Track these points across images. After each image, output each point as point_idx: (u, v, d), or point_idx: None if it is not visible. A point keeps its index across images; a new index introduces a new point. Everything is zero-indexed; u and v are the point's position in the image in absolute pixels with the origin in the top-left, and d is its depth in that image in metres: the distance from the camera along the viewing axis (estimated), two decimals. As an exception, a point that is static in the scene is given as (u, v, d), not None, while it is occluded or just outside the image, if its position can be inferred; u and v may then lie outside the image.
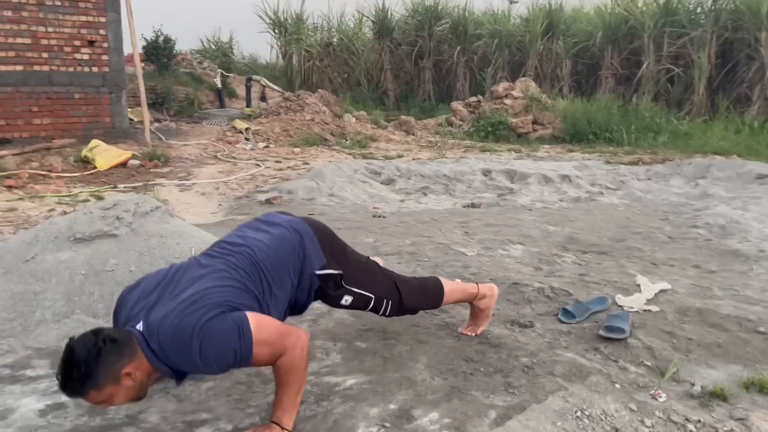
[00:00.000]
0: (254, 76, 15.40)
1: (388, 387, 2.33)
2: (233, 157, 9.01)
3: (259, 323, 1.90)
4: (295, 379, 1.98)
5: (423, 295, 2.55)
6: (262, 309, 2.01)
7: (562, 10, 14.97)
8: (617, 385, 2.41)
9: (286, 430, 1.97)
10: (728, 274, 3.82)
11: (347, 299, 2.32)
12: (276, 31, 19.01)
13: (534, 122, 11.49)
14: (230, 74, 17.38)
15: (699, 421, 2.20)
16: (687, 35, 12.52)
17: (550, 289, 3.39)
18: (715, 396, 2.36)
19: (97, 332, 1.83)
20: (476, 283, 2.77)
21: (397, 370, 2.45)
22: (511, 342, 2.73)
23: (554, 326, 2.96)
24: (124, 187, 6.55)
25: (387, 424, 2.08)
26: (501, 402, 2.23)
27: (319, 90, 13.96)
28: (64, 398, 2.19)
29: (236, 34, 21.84)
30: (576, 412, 2.20)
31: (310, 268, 2.20)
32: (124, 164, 7.80)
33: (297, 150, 9.91)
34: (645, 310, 3.13)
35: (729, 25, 12.33)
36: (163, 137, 10.40)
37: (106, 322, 2.78)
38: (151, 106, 12.37)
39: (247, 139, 10.66)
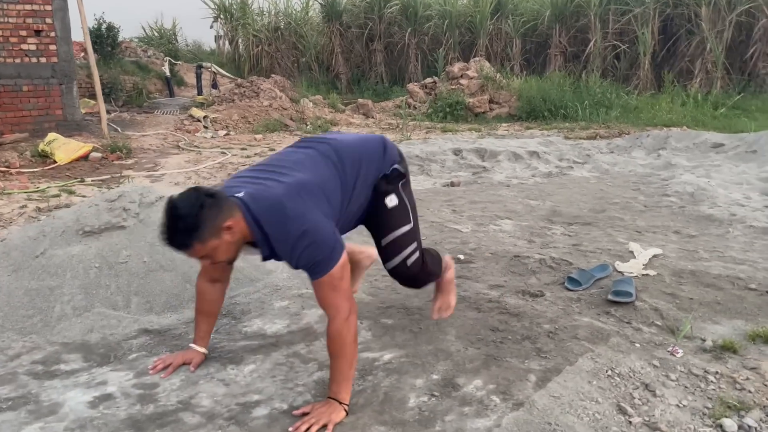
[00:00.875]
0: (204, 63, 15.07)
1: (426, 359, 2.41)
2: (196, 146, 8.86)
3: (343, 265, 2.02)
4: (345, 351, 2.04)
5: (434, 262, 2.56)
6: (343, 201, 2.18)
7: (509, -11, 15.22)
8: (637, 345, 2.56)
9: (344, 404, 2.03)
10: (708, 237, 4.05)
11: (393, 200, 2.32)
12: (222, 16, 18.62)
13: (490, 101, 11.69)
14: (178, 62, 16.94)
15: (717, 372, 2.36)
16: (631, 12, 12.93)
17: (551, 260, 3.53)
18: (726, 349, 2.53)
19: (197, 188, 1.93)
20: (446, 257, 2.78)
21: (429, 343, 2.54)
22: (530, 311, 2.85)
23: (563, 294, 3.10)
24: (92, 181, 6.37)
25: (436, 393, 2.17)
26: (537, 366, 2.35)
27: (273, 75, 13.79)
28: (110, 389, 2.21)
29: (179, 21, 21.24)
30: (607, 372, 2.34)
31: (392, 160, 2.35)
32: (84, 157, 7.57)
33: (259, 137, 9.81)
34: (643, 275, 3.31)
35: (670, 1, 12.79)
36: (119, 128, 10.11)
37: (127, 314, 2.78)
38: (100, 96, 11.96)
39: (206, 127, 10.47)
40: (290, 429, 1.96)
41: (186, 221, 1.83)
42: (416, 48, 15.74)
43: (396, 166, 2.35)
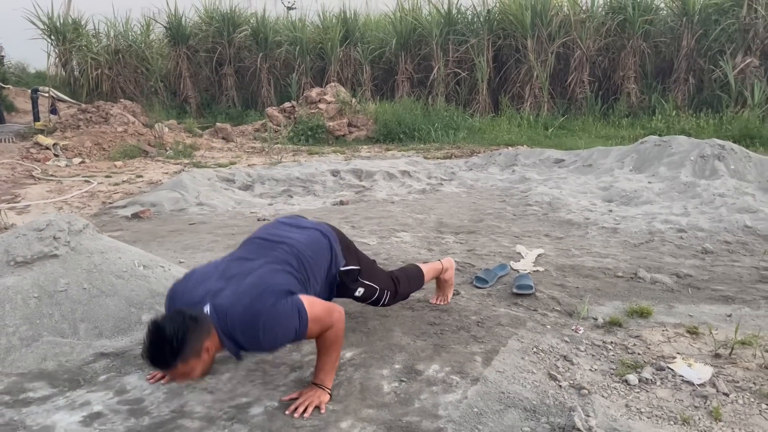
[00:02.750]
0: (41, 87, 14.08)
1: (383, 353, 2.73)
2: (52, 175, 8.38)
3: (311, 303, 2.24)
4: (337, 347, 2.34)
5: (411, 281, 2.99)
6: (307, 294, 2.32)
7: (356, 18, 15.92)
8: (548, 326, 3.08)
9: (327, 389, 2.31)
10: (573, 238, 4.77)
11: (360, 291, 2.70)
12: (52, 37, 17.46)
13: (349, 125, 12.21)
14: (7, 86, 15.63)
15: (612, 342, 2.94)
16: (468, 42, 14.17)
17: (456, 264, 3.99)
18: (613, 324, 3.13)
19: (180, 311, 2.06)
20: (439, 260, 3.27)
21: (381, 340, 2.86)
22: (455, 306, 3.28)
23: (475, 291, 3.57)
24: (-51, 215, 5.88)
25: (403, 379, 2.50)
26: (478, 349, 2.76)
27: (122, 100, 13.27)
28: (96, 408, 2.28)
29: (1, 41, 19.57)
30: (533, 349, 2.82)
31: (336, 266, 2.58)
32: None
33: (119, 164, 9.48)
34: (534, 271, 3.88)
35: (501, 33, 14.22)
36: (-46, 158, 9.24)
37: (78, 340, 2.80)
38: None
39: (56, 155, 9.88)
40: (287, 412, 2.20)
41: (171, 344, 1.95)
42: (268, 73, 15.92)
43: (349, 267, 2.63)
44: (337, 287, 2.64)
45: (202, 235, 4.91)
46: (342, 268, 2.61)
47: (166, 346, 1.97)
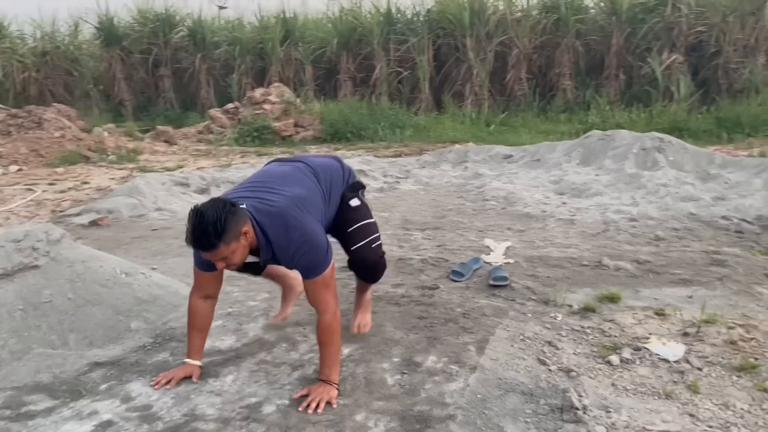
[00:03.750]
0: (-36, 92, 13.39)
1: (380, 348, 2.82)
2: (-11, 184, 8.04)
3: (332, 267, 2.44)
4: (334, 339, 2.43)
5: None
6: (324, 210, 2.58)
7: (296, 18, 15.85)
8: (528, 315, 3.24)
9: (335, 384, 2.38)
10: (534, 230, 4.98)
11: (355, 201, 2.81)
12: (-29, 38, 16.60)
13: (296, 125, 12.18)
14: None
15: (589, 326, 3.13)
16: (408, 41, 14.35)
17: (430, 259, 4.13)
18: (587, 310, 3.32)
19: (219, 198, 2.26)
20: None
21: (375, 335, 2.94)
22: (438, 300, 3.40)
23: (453, 285, 3.70)
24: None
25: (405, 371, 2.60)
26: (469, 339, 2.89)
27: (55, 104, 12.78)
28: (105, 416, 2.29)
29: None
30: (519, 336, 2.97)
31: (351, 179, 2.83)
32: None
33: (60, 170, 9.15)
34: (506, 263, 4.05)
35: (440, 32, 14.47)
36: None
37: (69, 351, 2.78)
38: None
39: (-10, 163, 9.45)
40: (299, 408, 2.27)
41: (215, 225, 2.12)
42: (207, 74, 15.65)
43: (355, 179, 2.78)
44: (337, 211, 2.76)
45: (168, 240, 4.86)
46: (354, 180, 2.86)
47: (210, 227, 2.13)
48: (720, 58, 12.80)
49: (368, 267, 2.85)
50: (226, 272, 2.54)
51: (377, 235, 2.85)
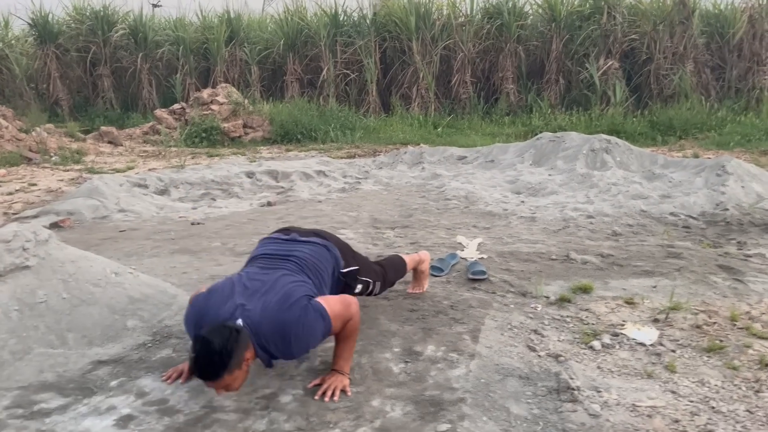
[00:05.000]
0: None
1: (378, 339, 2.94)
2: (-72, 186, 7.67)
3: (329, 303, 2.44)
4: (355, 336, 2.53)
5: (396, 270, 3.23)
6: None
7: (240, 18, 15.72)
8: (511, 306, 3.43)
9: (347, 374, 2.49)
10: (499, 228, 5.20)
11: (359, 287, 2.91)
12: None
13: (244, 126, 12.10)
14: None
15: (568, 316, 3.34)
16: (355, 44, 14.49)
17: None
18: (564, 300, 3.53)
19: (224, 325, 2.18)
20: (417, 253, 3.51)
21: (371, 328, 3.06)
22: (425, 294, 3.53)
23: (433, 280, 3.84)
24: None
25: (408, 360, 2.73)
26: (462, 329, 3.05)
27: (-11, 103, 12.24)
28: (124, 411, 2.32)
29: None
30: (507, 326, 3.14)
31: (338, 269, 2.79)
32: None
33: (2, 171, 8.81)
34: (480, 258, 4.24)
35: (387, 36, 14.68)
36: None
37: (70, 350, 2.77)
38: None
39: (-76, 164, 9.00)
40: (316, 397, 2.36)
41: (221, 356, 2.09)
42: (149, 73, 15.32)
43: (350, 269, 2.87)
44: (340, 287, 2.82)
45: (139, 241, 4.81)
46: (343, 270, 2.82)
47: (216, 358, 2.10)
48: (651, 64, 13.52)
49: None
50: (207, 271, 2.59)
51: (377, 284, 3.04)
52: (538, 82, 14.30)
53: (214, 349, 2.08)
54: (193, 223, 5.32)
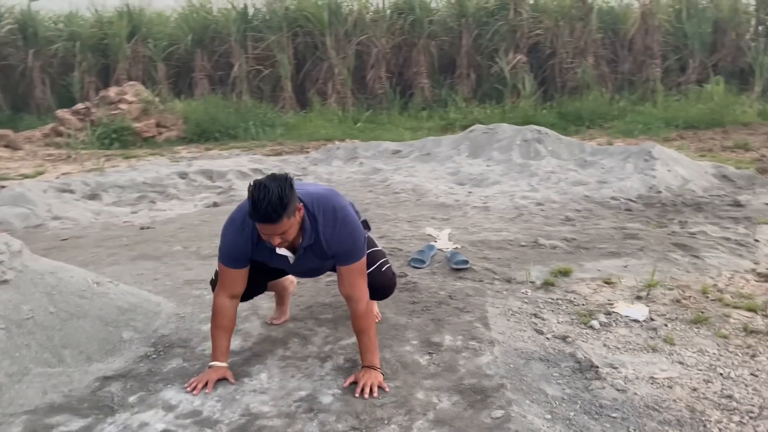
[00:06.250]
0: None
1: (392, 333, 2.91)
2: None
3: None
4: (371, 324, 2.51)
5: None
6: None
7: (142, 12, 14.95)
8: (504, 292, 3.50)
9: (378, 369, 2.46)
10: (458, 218, 5.28)
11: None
12: None
13: (158, 125, 11.55)
14: None
15: (558, 298, 3.46)
16: (268, 39, 14.18)
17: (386, 249, 4.23)
18: (548, 284, 3.65)
19: (282, 175, 2.28)
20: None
21: (381, 323, 3.02)
22: (419, 286, 3.55)
23: (418, 272, 3.86)
24: None
25: (430, 351, 2.73)
26: (470, 318, 3.08)
27: None
28: (159, 426, 2.19)
29: None
30: (508, 311, 3.22)
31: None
32: None
33: None
34: (455, 248, 4.29)
35: (299, 31, 14.47)
36: None
37: (69, 368, 2.58)
38: None
39: None
40: (356, 394, 2.31)
41: (280, 197, 2.16)
42: (42, 72, 14.26)
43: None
44: None
45: (89, 249, 4.49)
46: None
47: (276, 199, 2.15)
48: (555, 58, 14.18)
49: (379, 288, 2.79)
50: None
51: (386, 259, 2.86)
52: (451, 76, 14.61)
53: (273, 192, 2.15)
54: (142, 228, 5.03)
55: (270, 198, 2.14)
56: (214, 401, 2.32)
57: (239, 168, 7.35)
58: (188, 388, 2.39)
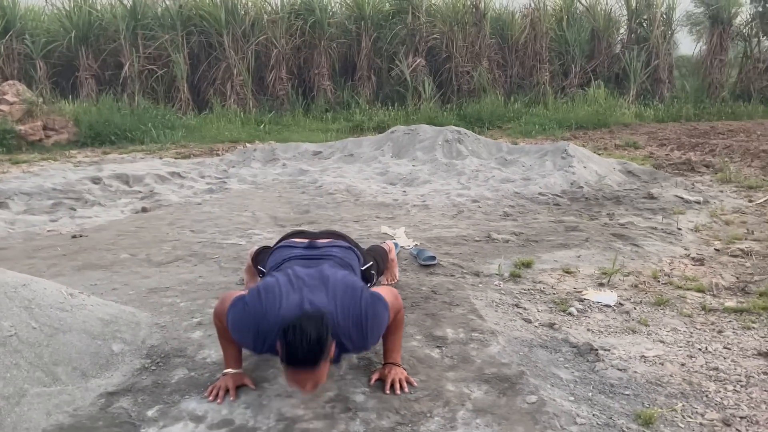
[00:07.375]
0: None
1: (413, 323, 2.90)
2: None
3: (385, 294, 2.39)
4: (402, 326, 2.52)
5: (384, 260, 3.31)
6: None
7: (16, 6, 13.75)
8: (480, 285, 3.60)
9: (400, 365, 2.47)
10: (402, 217, 5.35)
11: (374, 279, 2.96)
12: None
13: (45, 128, 10.70)
14: None
15: (530, 289, 3.61)
16: (160, 38, 13.56)
17: (348, 249, 4.21)
18: (515, 276, 3.80)
19: (314, 313, 2.09)
20: (385, 242, 3.51)
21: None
22: (398, 283, 3.55)
23: (388, 270, 3.87)
24: None
25: (438, 345, 2.76)
26: (462, 311, 3.14)
27: None
28: (209, 420, 2.04)
29: None
30: (492, 303, 3.32)
31: (359, 267, 2.80)
32: None
33: None
34: (415, 245, 4.35)
35: (194, 30, 13.97)
36: None
37: (66, 386, 2.38)
38: None
39: None
40: (386, 391, 2.31)
41: (319, 342, 1.99)
42: None
43: (368, 264, 2.92)
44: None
45: (21, 261, 4.10)
46: (362, 267, 2.82)
47: (314, 345, 1.99)
48: (452, 62, 14.69)
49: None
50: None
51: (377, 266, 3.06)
52: (351, 79, 14.71)
53: (310, 335, 1.97)
54: (74, 236, 4.65)
55: (308, 343, 1.98)
56: (242, 408, 2.22)
57: (156, 171, 6.99)
58: (210, 397, 2.27)
